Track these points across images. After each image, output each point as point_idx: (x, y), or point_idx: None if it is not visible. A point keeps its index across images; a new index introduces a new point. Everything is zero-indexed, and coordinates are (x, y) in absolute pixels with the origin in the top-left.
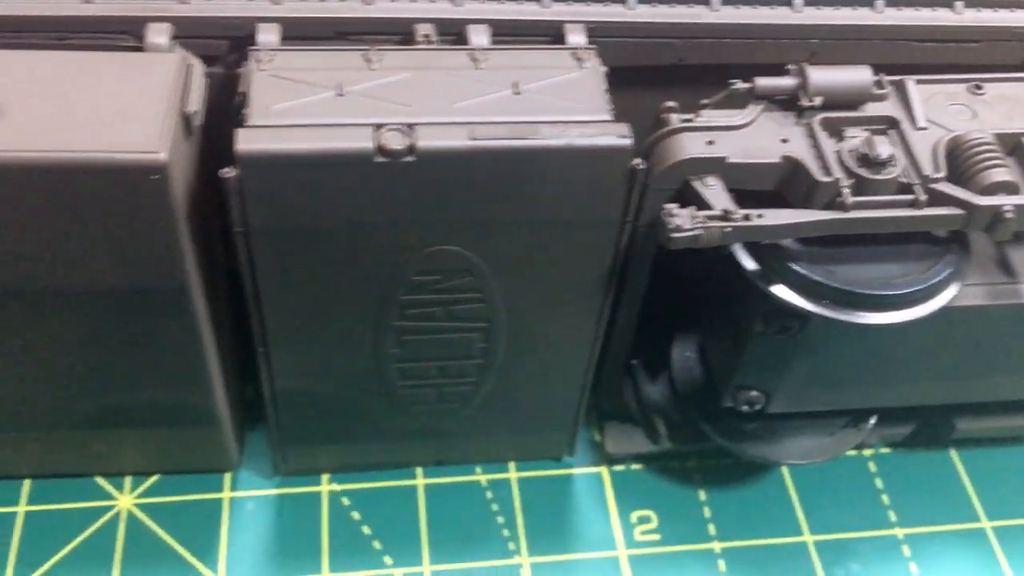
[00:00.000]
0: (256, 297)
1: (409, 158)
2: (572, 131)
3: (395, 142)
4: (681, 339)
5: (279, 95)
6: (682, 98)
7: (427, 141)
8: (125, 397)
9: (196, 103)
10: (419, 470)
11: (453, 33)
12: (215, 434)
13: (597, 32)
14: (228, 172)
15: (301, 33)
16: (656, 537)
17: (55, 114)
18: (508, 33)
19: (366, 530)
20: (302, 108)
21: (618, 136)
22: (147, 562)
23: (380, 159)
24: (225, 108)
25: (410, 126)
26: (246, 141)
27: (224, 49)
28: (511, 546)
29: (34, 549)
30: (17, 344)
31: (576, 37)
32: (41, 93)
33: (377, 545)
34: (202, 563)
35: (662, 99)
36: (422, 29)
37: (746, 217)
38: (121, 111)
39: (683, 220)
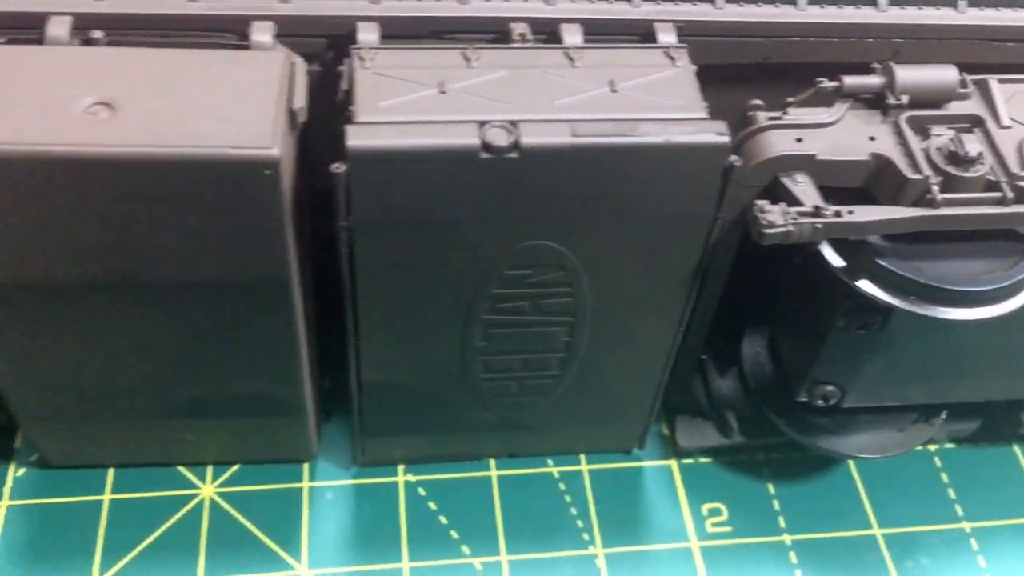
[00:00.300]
0: (352, 290)
1: (513, 154)
2: (671, 128)
3: (500, 139)
4: (751, 334)
5: (384, 92)
6: (765, 96)
7: (531, 138)
8: (218, 388)
9: (301, 100)
10: (492, 462)
11: (545, 32)
12: (299, 425)
13: (685, 31)
14: (338, 167)
15: (398, 32)
16: (728, 529)
17: (168, 110)
18: (598, 32)
19: (443, 520)
20: (406, 105)
21: (716, 133)
22: (232, 549)
23: (485, 155)
24: (321, 104)
25: (513, 123)
26: (356, 137)
27: (321, 47)
28: (585, 536)
29: (120, 536)
30: (121, 335)
31: (667, 36)
32: (153, 90)
33: (455, 535)
34: (285, 551)
35: (745, 97)
36: (517, 28)
37: (837, 213)
38: (232, 107)
39: (775, 216)
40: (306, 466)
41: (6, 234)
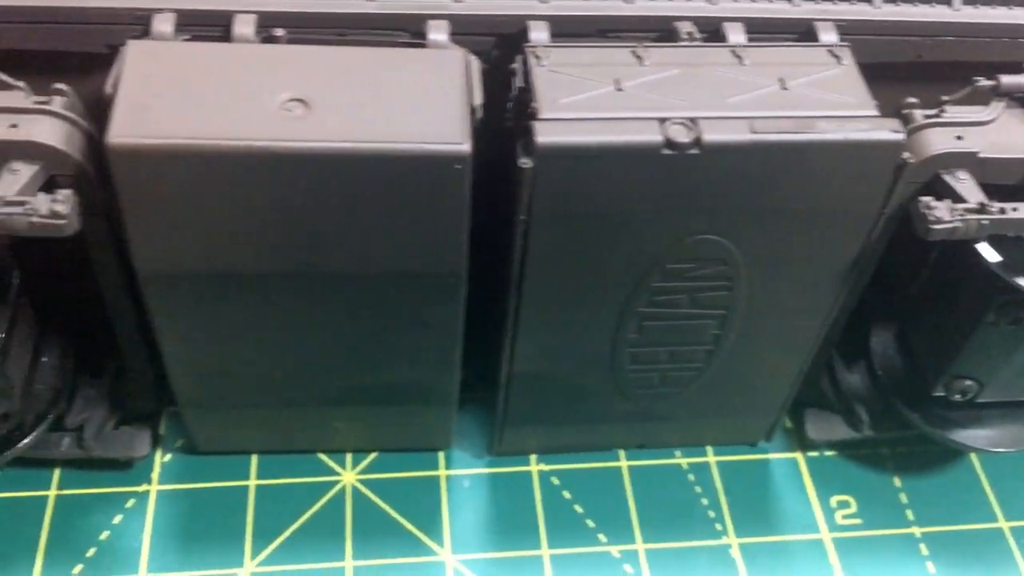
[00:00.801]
0: (520, 282)
1: (694, 151)
2: (847, 125)
3: (681, 135)
4: (878, 327)
5: (562, 89)
6: (913, 94)
7: (711, 135)
8: (377, 376)
9: (479, 97)
10: (621, 452)
11: (707, 30)
12: (445, 414)
13: (843, 30)
14: (526, 163)
15: (566, 30)
16: (857, 521)
17: (358, 106)
18: (759, 31)
19: (578, 509)
20: (586, 102)
21: (891, 131)
22: (376, 534)
23: (667, 151)
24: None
25: (692, 120)
26: (544, 134)
27: (488, 45)
28: (718, 527)
29: (269, 520)
30: (294, 324)
31: (828, 35)
32: (342, 85)
33: (590, 523)
34: (428, 537)
35: (893, 95)
36: (684, 27)
37: (1001, 210)
38: (420, 105)
39: (943, 212)
40: (441, 455)
41: (200, 225)
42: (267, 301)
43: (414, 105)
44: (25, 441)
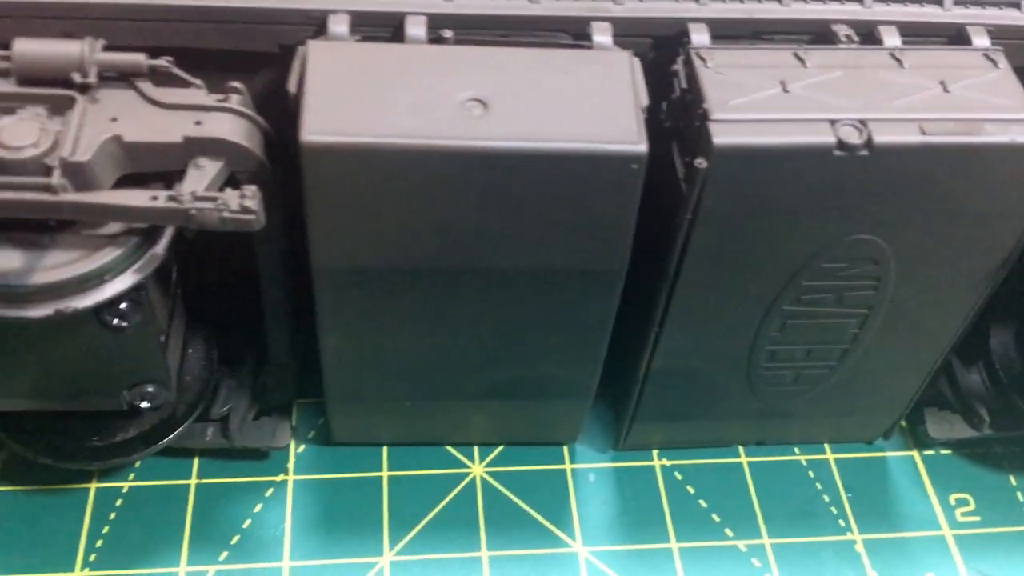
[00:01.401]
0: (674, 280)
1: (864, 152)
2: (1014, 128)
3: (852, 137)
4: (997, 327)
5: (730, 91)
6: None
7: (882, 136)
8: (522, 371)
9: (645, 98)
10: (740, 448)
11: (860, 33)
12: (579, 409)
13: (992, 34)
14: (701, 163)
15: (722, 33)
16: (977, 519)
17: (535, 106)
18: (910, 34)
19: (703, 504)
20: (755, 103)
21: None
22: (509, 526)
23: (838, 153)
24: None
25: (862, 122)
26: (721, 135)
27: (645, 47)
28: (841, 523)
29: (404, 511)
30: (454, 319)
31: (980, 39)
32: (517, 86)
33: (716, 518)
34: (559, 529)
35: None
36: (842, 29)
37: None
38: (593, 105)
39: None
40: (565, 449)
41: (379, 221)
42: (431, 296)
43: (588, 106)
44: (178, 431)
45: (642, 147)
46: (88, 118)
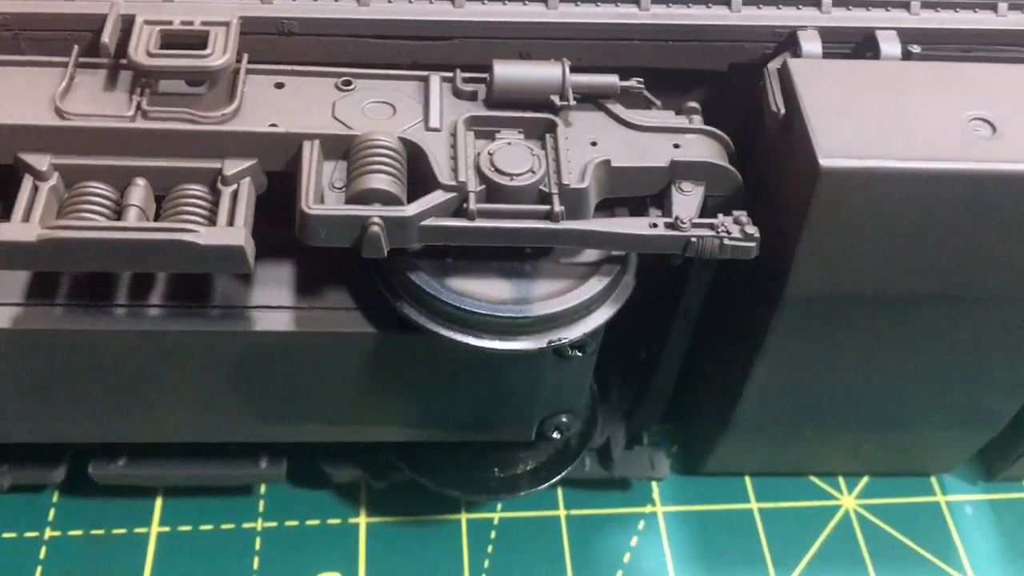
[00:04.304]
0: None
1: None
2: None
3: None
4: None
5: None
6: None
7: None
8: (938, 399)
9: None
10: None
11: None
12: (977, 439)
13: None
14: None
15: None
16: None
17: None
18: None
19: None
20: None
21: None
22: (895, 561)
23: None
24: None
25: None
26: None
27: None
28: None
29: (783, 544)
30: (905, 347)
31: None
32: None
33: None
34: (947, 564)
35: None
36: None
37: None
38: None
39: None
40: (933, 479)
41: (869, 247)
42: (892, 323)
43: None
44: (576, 461)
45: None
46: (570, 142)
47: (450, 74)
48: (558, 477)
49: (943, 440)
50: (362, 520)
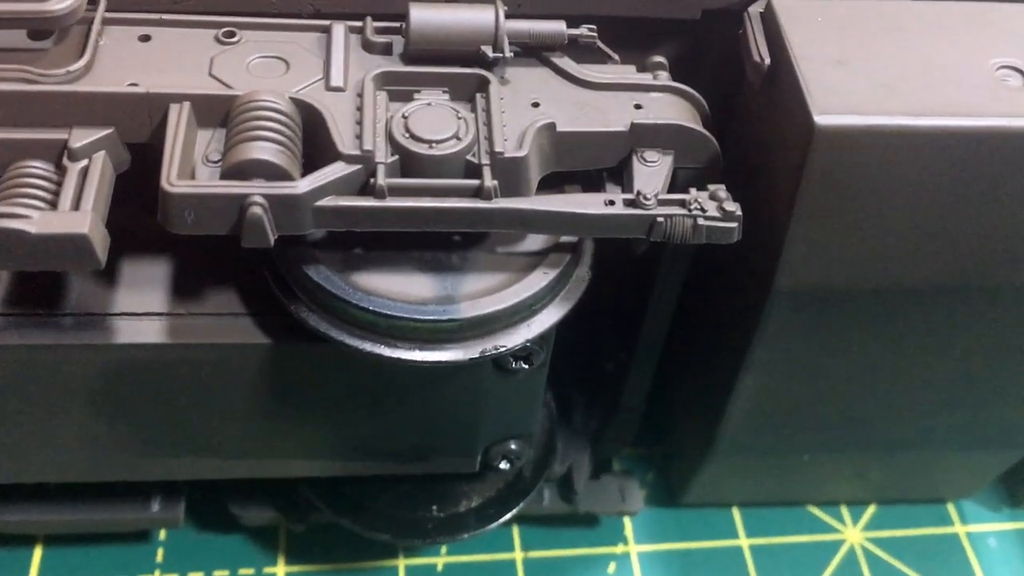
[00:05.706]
0: None
1: None
2: None
3: None
4: None
5: None
6: None
7: None
8: (964, 415)
9: None
10: None
11: None
12: (1002, 459)
13: None
14: None
15: None
16: None
17: None
18: None
19: None
20: None
21: None
22: None
23: None
24: None
25: None
26: None
27: None
28: None
29: None
30: (908, 351)
31: None
32: None
33: None
34: None
35: None
36: None
37: None
38: None
39: None
40: (950, 506)
41: (872, 227)
42: (901, 322)
43: None
44: (529, 496)
45: None
46: (505, 103)
47: (358, 24)
48: (509, 515)
49: (961, 462)
50: (280, 570)
